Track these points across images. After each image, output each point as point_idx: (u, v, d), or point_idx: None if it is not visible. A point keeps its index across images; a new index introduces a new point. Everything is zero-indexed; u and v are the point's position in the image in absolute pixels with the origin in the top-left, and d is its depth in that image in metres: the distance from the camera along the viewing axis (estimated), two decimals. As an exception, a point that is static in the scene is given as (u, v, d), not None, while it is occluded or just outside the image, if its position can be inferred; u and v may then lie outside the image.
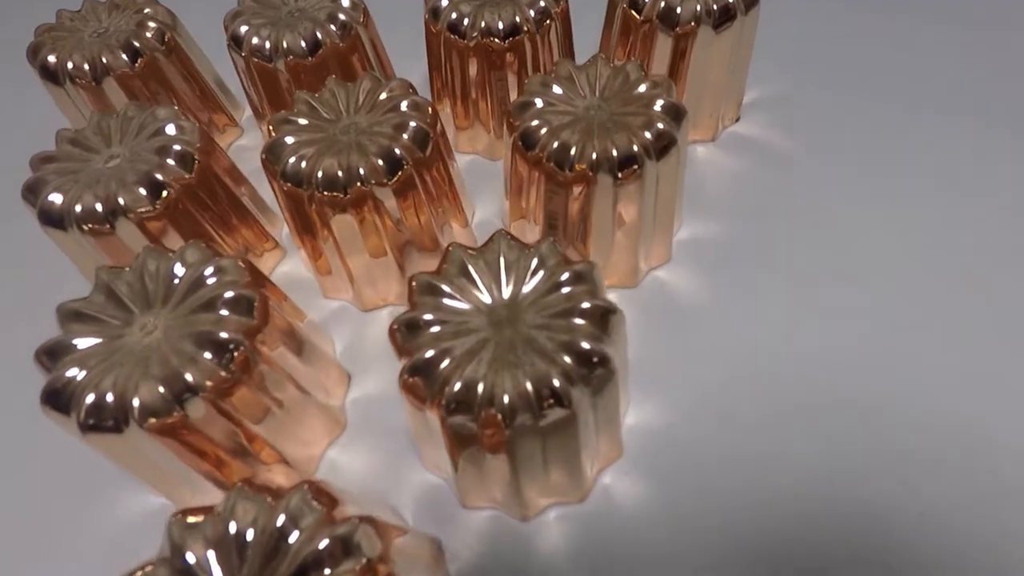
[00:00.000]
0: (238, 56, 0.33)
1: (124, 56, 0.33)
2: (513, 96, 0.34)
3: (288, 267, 0.34)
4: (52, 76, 0.33)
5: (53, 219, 0.26)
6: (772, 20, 0.35)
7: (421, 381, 0.20)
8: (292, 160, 0.26)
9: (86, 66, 0.33)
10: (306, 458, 0.26)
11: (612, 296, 0.22)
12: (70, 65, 0.33)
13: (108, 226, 0.26)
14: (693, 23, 0.31)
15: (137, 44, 0.34)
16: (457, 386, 0.19)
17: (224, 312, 0.21)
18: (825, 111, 0.37)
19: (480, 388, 0.19)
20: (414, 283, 0.22)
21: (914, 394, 0.26)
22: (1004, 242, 0.31)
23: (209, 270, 0.22)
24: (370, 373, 0.29)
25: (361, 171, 0.26)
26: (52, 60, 0.33)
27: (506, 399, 0.19)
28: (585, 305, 0.20)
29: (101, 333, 0.22)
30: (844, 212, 0.33)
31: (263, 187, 0.32)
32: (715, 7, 0.31)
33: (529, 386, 0.19)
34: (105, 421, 0.20)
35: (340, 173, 0.26)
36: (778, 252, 0.32)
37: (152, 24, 0.34)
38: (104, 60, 0.33)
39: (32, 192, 0.27)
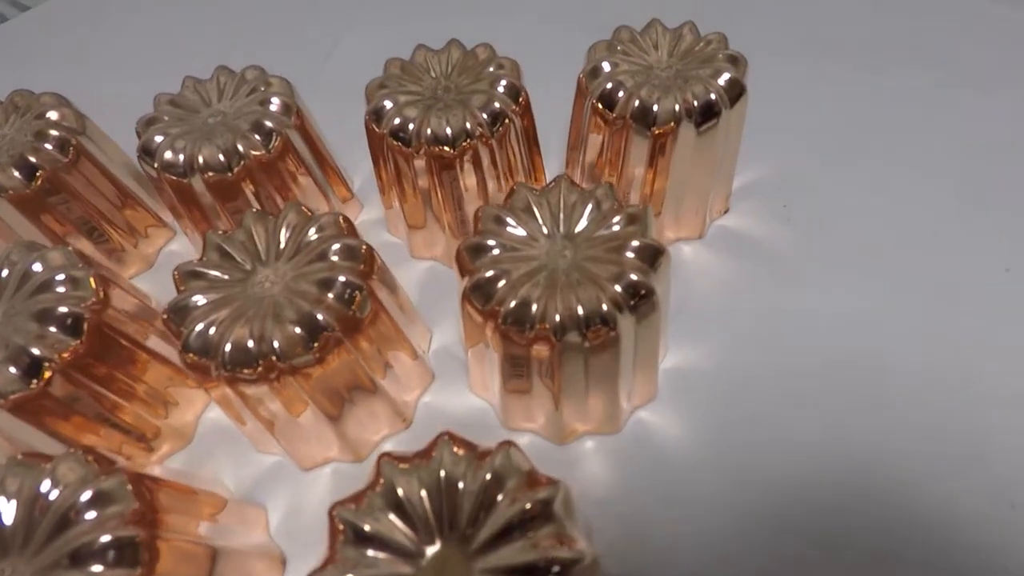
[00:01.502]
0: (150, 168, 0.29)
1: (17, 174, 0.29)
2: (468, 199, 0.30)
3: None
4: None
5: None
6: (756, 103, 0.30)
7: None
8: (199, 328, 0.22)
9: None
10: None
11: (591, 443, 0.26)
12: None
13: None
14: (672, 123, 0.27)
15: (34, 160, 0.29)
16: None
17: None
18: (819, 191, 0.33)
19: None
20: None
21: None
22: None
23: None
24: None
25: (276, 344, 0.21)
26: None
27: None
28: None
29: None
30: (836, 309, 0.29)
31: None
32: (696, 104, 0.27)
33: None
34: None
35: (251, 344, 0.21)
36: (773, 376, 0.28)
37: (54, 132, 0.30)
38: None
39: None
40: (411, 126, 0.27)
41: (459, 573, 0.17)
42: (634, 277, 0.22)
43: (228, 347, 0.21)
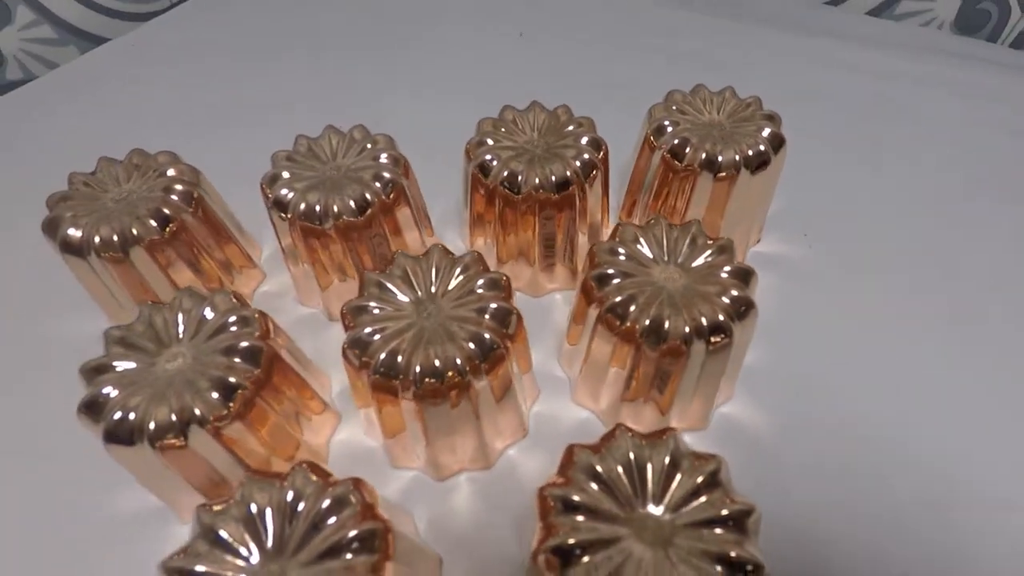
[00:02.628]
0: (280, 217, 0.32)
1: (153, 223, 0.31)
2: (558, 236, 0.34)
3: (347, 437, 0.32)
4: (76, 250, 0.31)
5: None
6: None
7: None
8: (384, 355, 0.25)
9: (114, 237, 0.31)
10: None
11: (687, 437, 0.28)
12: (96, 239, 0.30)
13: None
14: (733, 169, 0.33)
15: (167, 211, 0.32)
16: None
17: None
18: (838, 222, 0.40)
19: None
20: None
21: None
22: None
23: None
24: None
25: (458, 361, 0.25)
26: (76, 234, 0.31)
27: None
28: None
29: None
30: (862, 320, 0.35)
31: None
32: (750, 153, 0.33)
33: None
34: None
35: (438, 364, 0.25)
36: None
37: (179, 187, 0.33)
38: (134, 231, 0.31)
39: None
40: (520, 178, 0.32)
41: (662, 533, 0.21)
42: (735, 292, 0.27)
43: (417, 368, 0.25)
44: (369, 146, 0.34)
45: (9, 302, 0.38)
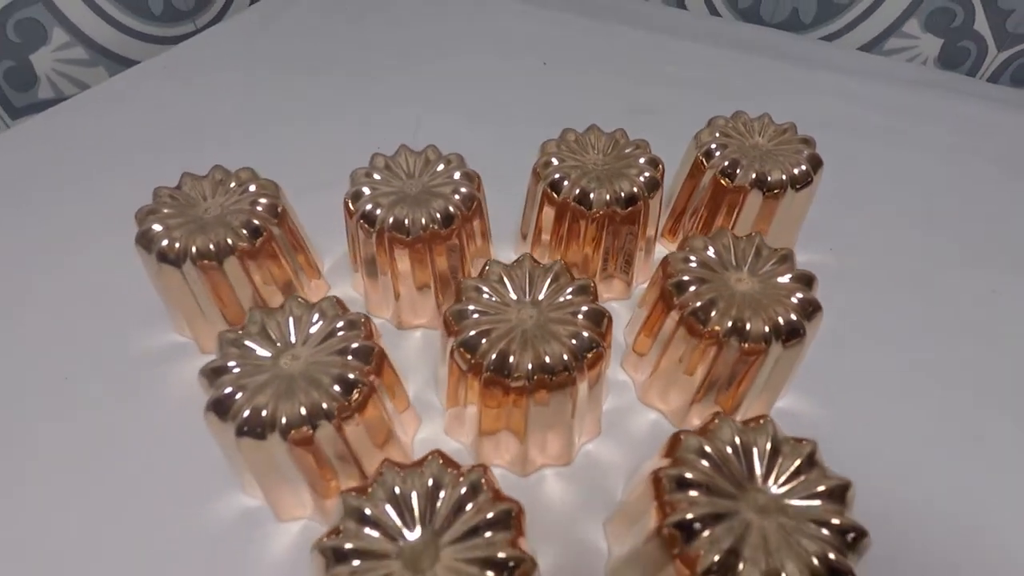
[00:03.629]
0: (365, 230, 0.34)
1: (246, 233, 0.33)
2: (617, 249, 0.37)
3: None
4: (171, 260, 0.32)
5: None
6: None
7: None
8: (495, 355, 0.27)
9: (211, 247, 0.32)
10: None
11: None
12: (193, 249, 0.32)
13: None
14: (780, 188, 0.36)
15: (257, 222, 0.33)
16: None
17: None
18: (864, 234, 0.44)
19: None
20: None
21: None
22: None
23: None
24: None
25: (565, 357, 0.27)
26: (175, 246, 0.32)
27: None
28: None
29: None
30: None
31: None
32: (796, 173, 0.36)
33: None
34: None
35: (547, 360, 0.27)
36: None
37: (263, 200, 0.34)
38: (229, 241, 0.32)
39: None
40: (592, 195, 0.35)
41: (774, 506, 0.23)
42: (801, 295, 0.30)
43: (529, 365, 0.27)
44: (442, 166, 0.36)
45: (79, 313, 0.39)
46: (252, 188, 0.35)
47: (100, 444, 0.33)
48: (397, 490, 0.23)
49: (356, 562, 0.21)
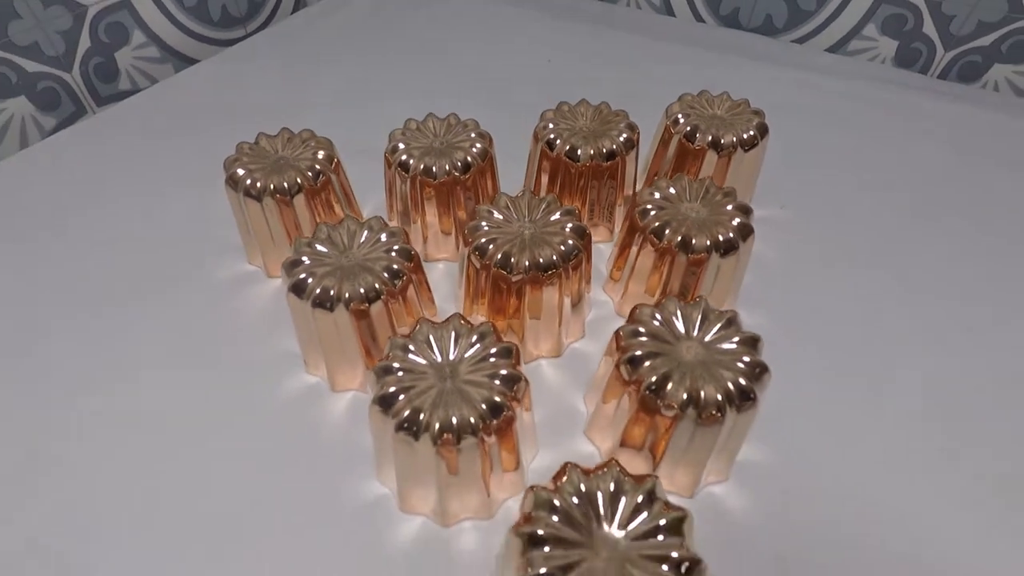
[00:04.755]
0: (402, 176, 0.43)
1: (311, 175, 0.42)
2: (602, 198, 0.46)
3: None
4: (254, 196, 0.41)
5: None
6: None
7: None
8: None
9: (285, 184, 0.41)
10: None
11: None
12: (271, 186, 0.41)
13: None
14: (731, 149, 0.45)
15: (319, 167, 0.43)
16: (684, 396, 0.31)
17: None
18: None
19: (703, 394, 0.30)
20: None
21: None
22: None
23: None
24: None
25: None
26: (256, 185, 0.41)
27: (719, 397, 0.30)
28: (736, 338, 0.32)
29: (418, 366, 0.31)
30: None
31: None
32: (744, 137, 0.45)
33: (731, 385, 0.31)
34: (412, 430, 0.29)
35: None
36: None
37: (322, 154, 0.44)
38: (298, 181, 0.42)
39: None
40: (579, 151, 0.44)
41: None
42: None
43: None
44: (461, 129, 0.45)
45: (173, 248, 0.48)
46: (312, 144, 0.44)
47: (197, 339, 0.42)
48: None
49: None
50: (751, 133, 0.46)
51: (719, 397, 0.30)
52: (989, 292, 0.46)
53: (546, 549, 0.25)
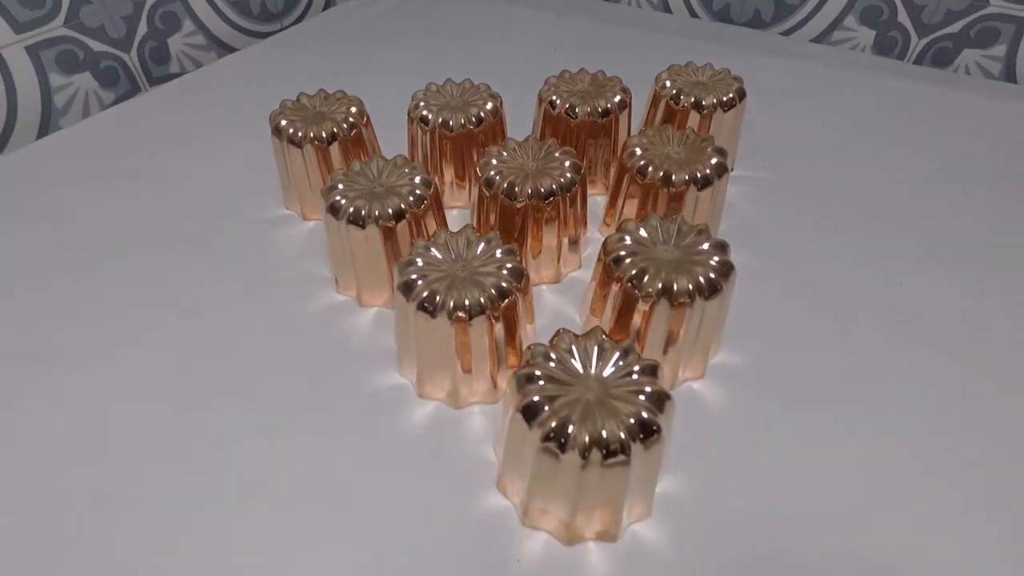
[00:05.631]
0: (423, 129, 0.50)
1: (346, 126, 0.49)
2: (599, 154, 0.52)
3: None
4: (296, 143, 0.48)
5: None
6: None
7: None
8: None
9: (324, 134, 0.48)
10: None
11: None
12: (311, 134, 0.48)
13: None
14: (711, 109, 0.51)
15: (352, 120, 0.49)
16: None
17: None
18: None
19: (675, 286, 0.36)
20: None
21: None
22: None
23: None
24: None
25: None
26: (298, 134, 0.48)
27: (690, 287, 0.36)
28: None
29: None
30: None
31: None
32: (724, 99, 0.52)
33: (701, 279, 0.36)
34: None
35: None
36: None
37: (354, 109, 0.50)
38: (334, 131, 0.48)
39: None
40: (577, 109, 0.50)
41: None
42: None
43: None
44: (476, 91, 0.52)
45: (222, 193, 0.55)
46: (345, 101, 0.51)
47: (244, 269, 0.49)
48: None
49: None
50: (730, 96, 0.52)
51: (690, 287, 0.36)
52: (952, 254, 0.52)
53: (540, 383, 0.31)
